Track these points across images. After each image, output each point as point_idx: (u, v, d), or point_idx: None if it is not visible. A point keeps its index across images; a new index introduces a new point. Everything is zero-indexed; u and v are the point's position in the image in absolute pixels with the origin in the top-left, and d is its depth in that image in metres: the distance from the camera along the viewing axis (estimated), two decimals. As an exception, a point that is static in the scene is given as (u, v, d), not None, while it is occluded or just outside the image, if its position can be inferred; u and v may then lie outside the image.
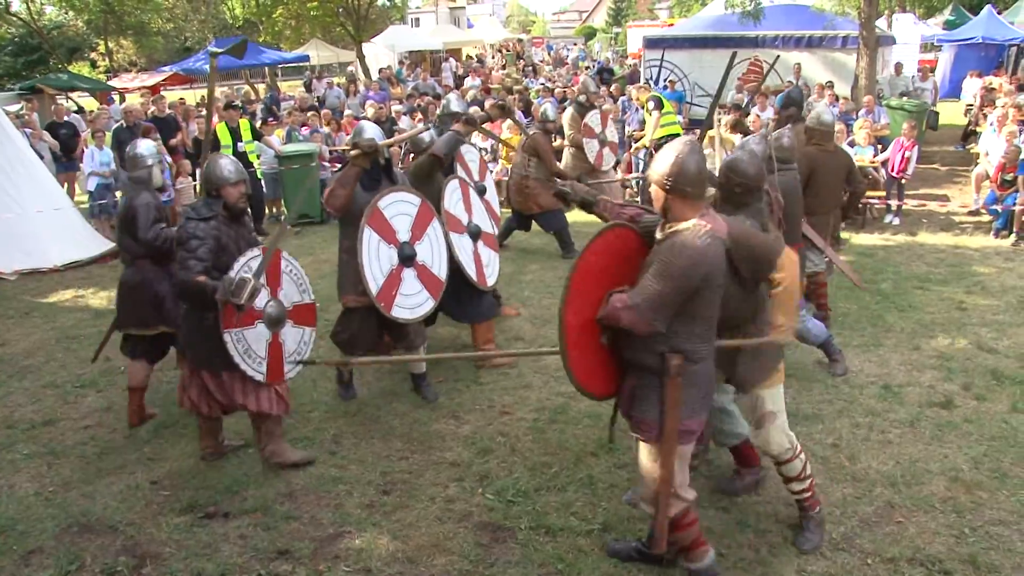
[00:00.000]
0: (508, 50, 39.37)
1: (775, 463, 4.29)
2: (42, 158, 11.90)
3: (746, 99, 14.61)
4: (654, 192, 3.55)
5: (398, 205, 5.63)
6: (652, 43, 18.93)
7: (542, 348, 6.60)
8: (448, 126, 7.39)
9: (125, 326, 5.69)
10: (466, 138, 6.86)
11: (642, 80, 18.17)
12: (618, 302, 3.46)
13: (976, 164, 12.09)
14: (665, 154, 3.52)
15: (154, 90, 22.31)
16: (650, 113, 12.54)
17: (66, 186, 12.61)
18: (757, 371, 4.23)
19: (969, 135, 16.22)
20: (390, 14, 39.81)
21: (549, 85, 20.09)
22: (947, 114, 19.07)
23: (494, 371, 6.49)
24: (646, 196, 6.46)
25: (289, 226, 11.72)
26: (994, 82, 17.68)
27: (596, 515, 4.51)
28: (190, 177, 11.89)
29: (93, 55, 41.82)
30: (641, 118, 13.74)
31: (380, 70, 24.79)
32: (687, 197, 3.46)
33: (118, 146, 11.74)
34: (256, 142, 11.67)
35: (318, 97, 19.42)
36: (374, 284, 5.41)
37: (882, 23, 19.39)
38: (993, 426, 5.37)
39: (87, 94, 25.83)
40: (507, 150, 12.30)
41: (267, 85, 29.03)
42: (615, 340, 3.62)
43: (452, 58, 34.20)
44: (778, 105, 14.31)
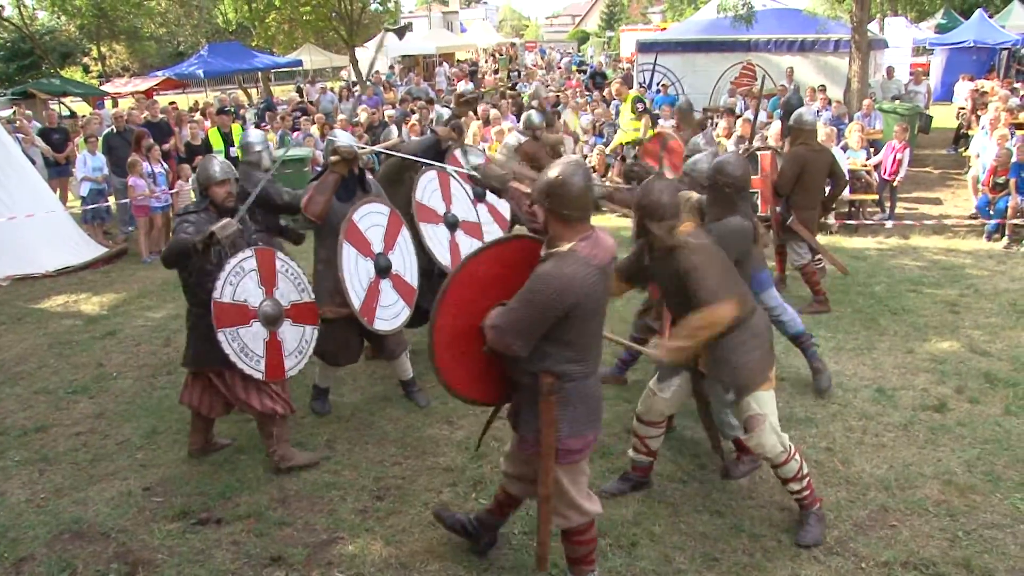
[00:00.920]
0: (501, 54, 39.38)
1: (771, 465, 4.30)
2: (34, 163, 11.85)
3: (739, 103, 14.68)
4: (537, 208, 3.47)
5: (371, 217, 5.59)
6: (645, 47, 18.96)
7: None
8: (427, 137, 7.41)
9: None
10: (450, 143, 6.78)
11: (635, 84, 18.21)
12: (488, 319, 3.45)
13: (969, 168, 12.14)
14: (548, 171, 3.43)
15: (147, 94, 22.29)
16: (634, 112, 12.63)
17: (58, 191, 12.56)
18: (753, 374, 4.22)
19: (961, 138, 16.28)
20: (383, 19, 39.78)
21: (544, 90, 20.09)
22: (939, 117, 19.11)
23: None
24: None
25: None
26: (985, 85, 17.74)
27: (590, 520, 4.50)
28: (188, 182, 11.85)
29: (86, 60, 41.78)
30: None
31: (373, 74, 24.80)
32: (566, 219, 3.38)
33: (109, 151, 11.74)
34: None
35: (310, 101, 19.41)
36: (356, 299, 5.40)
37: (874, 27, 19.43)
38: (986, 429, 5.38)
39: (79, 99, 25.79)
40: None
41: (260, 90, 28.99)
42: (497, 354, 3.55)
43: (445, 62, 34.22)
44: (771, 109, 14.41)
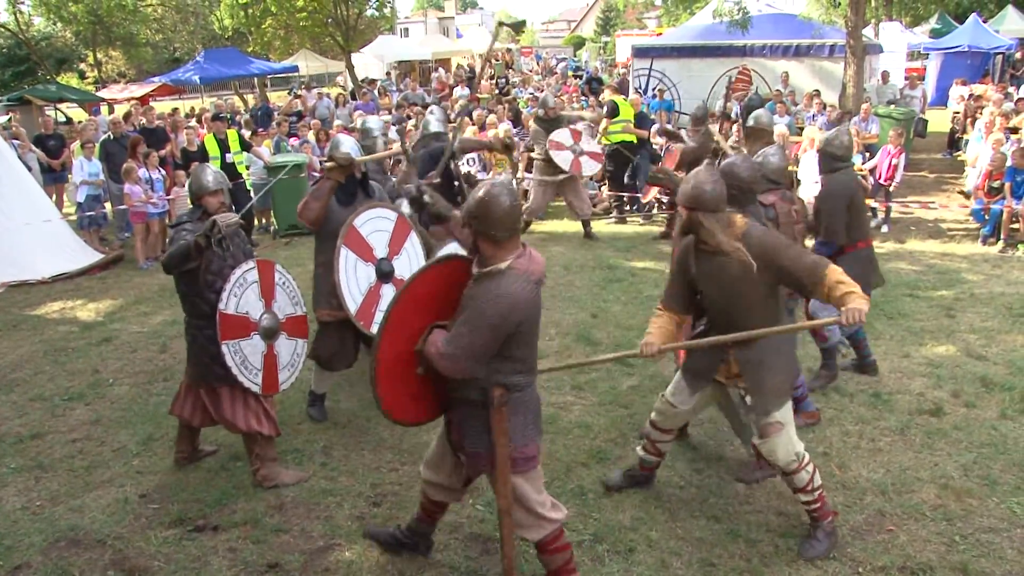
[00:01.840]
0: (497, 59, 39.43)
1: (781, 473, 4.27)
2: (30, 169, 11.83)
3: (735, 108, 14.69)
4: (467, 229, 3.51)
5: (375, 222, 5.57)
6: (641, 52, 18.99)
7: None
8: (430, 146, 7.44)
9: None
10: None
11: (631, 89, 18.23)
12: (433, 347, 3.44)
13: (966, 172, 12.18)
14: (474, 193, 3.46)
15: (143, 101, 22.29)
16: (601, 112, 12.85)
17: (54, 197, 12.56)
18: (784, 382, 4.24)
19: (955, 142, 16.32)
20: (379, 24, 39.85)
21: (538, 95, 20.09)
22: (934, 122, 19.14)
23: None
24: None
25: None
26: (979, 90, 17.79)
27: (587, 526, 4.50)
28: (184, 188, 11.85)
29: (82, 66, 41.78)
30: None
31: (367, 80, 24.78)
32: (495, 240, 3.40)
33: (106, 157, 11.73)
34: (245, 153, 11.66)
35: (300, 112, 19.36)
36: (352, 303, 5.39)
37: (869, 32, 19.49)
38: (982, 433, 5.39)
39: (76, 105, 25.77)
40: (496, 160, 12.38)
41: (255, 96, 29.01)
42: (435, 372, 3.53)
43: (441, 68, 34.26)
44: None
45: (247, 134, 12.81)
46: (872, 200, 11.31)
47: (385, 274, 5.61)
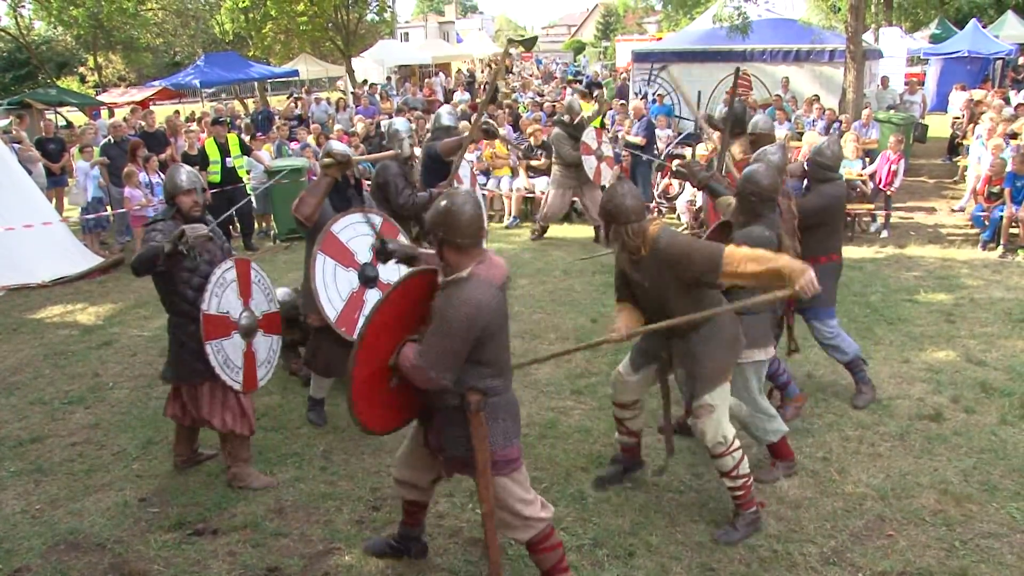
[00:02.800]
0: (497, 64, 39.48)
1: (710, 455, 4.40)
2: (30, 173, 11.84)
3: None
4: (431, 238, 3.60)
5: (356, 227, 5.54)
6: (641, 57, 19.02)
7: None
8: (440, 140, 7.48)
9: None
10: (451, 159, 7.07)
11: (631, 94, 18.25)
12: (406, 360, 3.48)
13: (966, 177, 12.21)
14: (438, 203, 3.55)
15: (143, 105, 22.28)
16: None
17: (54, 201, 12.56)
18: (719, 367, 4.33)
19: (955, 147, 16.33)
20: (379, 29, 39.92)
21: (538, 100, 20.14)
22: (934, 127, 19.19)
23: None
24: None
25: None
26: (978, 95, 17.81)
27: (586, 530, 4.51)
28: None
29: (82, 70, 41.82)
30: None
31: (368, 85, 24.79)
32: (460, 247, 3.49)
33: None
34: (246, 157, 11.67)
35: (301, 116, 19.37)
36: (331, 310, 5.35)
37: (869, 37, 19.51)
38: (982, 438, 5.39)
39: (76, 109, 25.78)
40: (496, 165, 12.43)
41: (255, 100, 29.02)
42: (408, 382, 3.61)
43: (441, 72, 34.31)
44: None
45: (247, 138, 12.83)
46: (868, 205, 11.35)
47: (369, 279, 5.56)
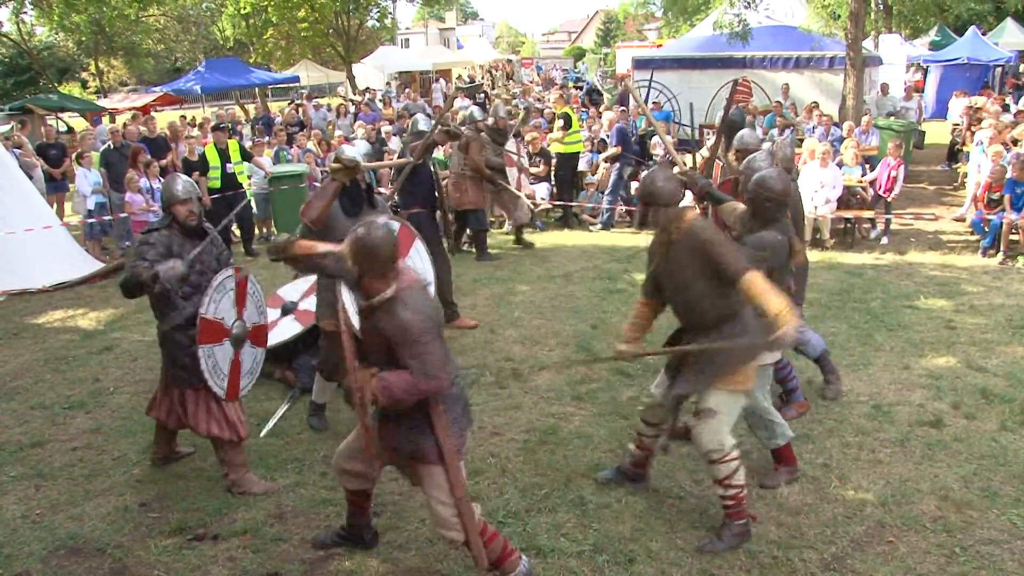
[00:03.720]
0: (498, 70, 39.56)
1: (705, 461, 4.41)
2: (31, 178, 11.85)
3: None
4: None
5: None
6: (641, 64, 19.05)
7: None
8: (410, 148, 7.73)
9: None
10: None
11: (630, 100, 18.26)
12: (410, 385, 3.57)
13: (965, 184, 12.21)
14: (354, 240, 3.65)
15: (144, 110, 22.31)
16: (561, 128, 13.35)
17: (55, 206, 12.57)
18: (725, 374, 4.32)
19: (955, 154, 16.35)
20: (380, 35, 39.99)
21: (539, 105, 20.17)
22: (934, 134, 19.24)
23: (484, 392, 6.48)
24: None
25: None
26: (978, 102, 17.84)
27: (587, 536, 4.50)
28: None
29: (84, 75, 41.89)
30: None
31: (366, 90, 24.83)
32: (383, 275, 3.65)
33: (107, 167, 11.76)
34: (246, 163, 11.69)
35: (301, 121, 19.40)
36: (356, 315, 5.34)
37: (869, 43, 19.54)
38: (983, 445, 5.39)
39: (77, 114, 25.83)
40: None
41: (257, 106, 29.06)
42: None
43: (442, 78, 34.36)
44: (767, 125, 14.50)
45: (249, 144, 12.85)
46: (869, 211, 11.36)
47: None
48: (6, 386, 6.99)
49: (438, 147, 10.82)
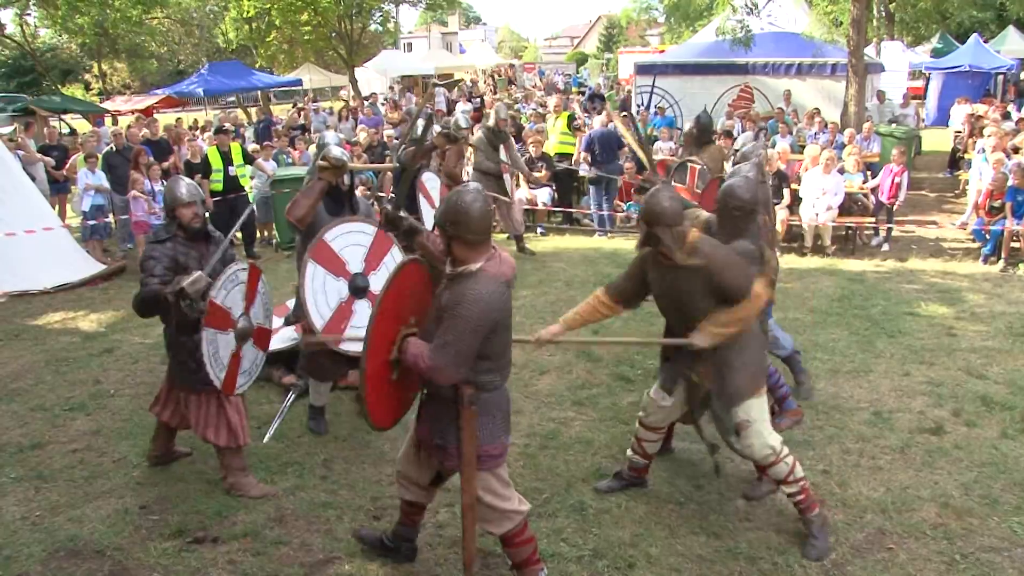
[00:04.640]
0: (500, 75, 39.61)
1: (760, 468, 4.44)
2: (34, 179, 11.86)
3: (737, 125, 14.76)
4: (439, 233, 3.71)
5: (350, 236, 5.49)
6: (643, 69, 19.07)
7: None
8: (405, 153, 7.69)
9: None
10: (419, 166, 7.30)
11: (633, 106, 18.31)
12: (420, 360, 3.55)
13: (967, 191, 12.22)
14: (449, 199, 3.66)
15: (147, 112, 22.37)
16: (569, 128, 13.82)
17: (57, 208, 12.58)
18: (748, 382, 4.35)
19: (957, 161, 16.36)
20: (383, 39, 40.06)
21: (541, 111, 20.19)
22: (936, 141, 19.24)
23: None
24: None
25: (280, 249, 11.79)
26: (979, 109, 17.86)
27: (587, 541, 4.50)
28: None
29: (87, 77, 41.97)
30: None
31: (371, 95, 24.88)
32: (470, 243, 3.59)
33: (109, 169, 11.77)
34: (248, 166, 11.70)
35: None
36: (319, 319, 5.30)
37: (871, 51, 19.58)
38: (983, 452, 5.38)
39: (80, 116, 25.87)
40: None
41: (259, 109, 29.10)
42: (406, 372, 3.75)
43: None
44: (769, 131, 14.52)
45: (251, 147, 12.86)
46: (870, 218, 11.36)
47: (359, 289, 5.50)
48: (6, 387, 6.99)
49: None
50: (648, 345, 4.32)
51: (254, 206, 11.71)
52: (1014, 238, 10.10)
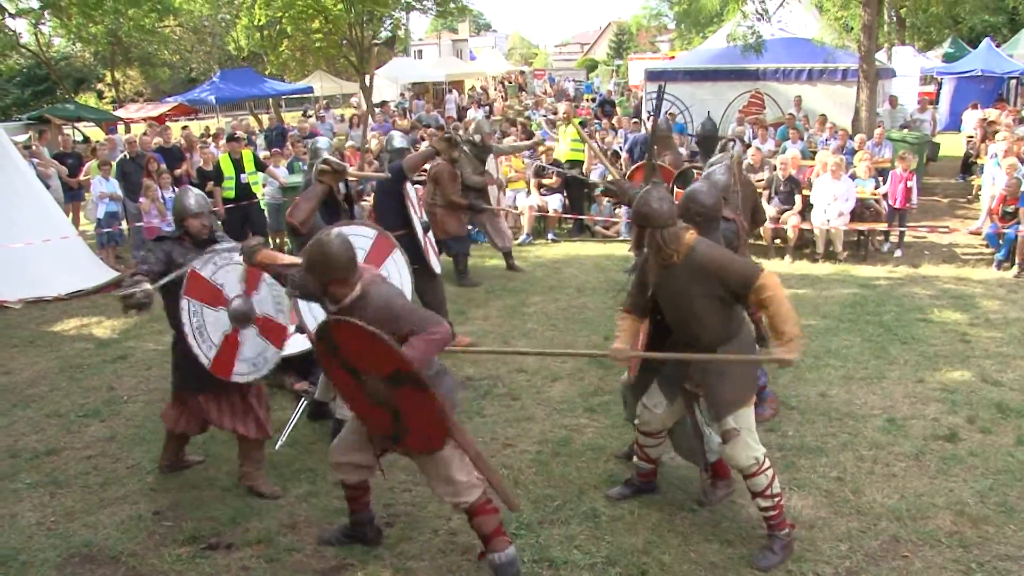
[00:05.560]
0: (511, 82, 39.69)
1: (742, 476, 4.39)
2: (48, 187, 11.94)
3: (748, 131, 14.75)
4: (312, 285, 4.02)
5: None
6: (654, 75, 19.06)
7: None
8: (396, 160, 7.65)
9: None
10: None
11: (644, 113, 18.29)
12: (424, 342, 3.81)
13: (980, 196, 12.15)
14: (309, 253, 3.89)
15: (159, 120, 22.47)
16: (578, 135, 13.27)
17: (71, 216, 12.66)
18: (740, 391, 4.34)
19: (969, 167, 16.30)
20: (393, 46, 40.14)
21: (551, 117, 20.22)
22: (948, 146, 19.17)
23: (497, 403, 6.49)
24: None
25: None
26: (992, 114, 17.79)
27: (599, 548, 4.50)
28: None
29: (100, 86, 42.22)
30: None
31: (383, 103, 24.94)
32: (343, 280, 3.88)
33: (123, 176, 11.85)
34: (260, 173, 11.75)
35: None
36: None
37: (882, 56, 19.51)
38: (999, 459, 5.35)
39: (93, 124, 26.03)
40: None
41: (270, 116, 29.20)
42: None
43: (455, 90, 34.47)
44: (779, 137, 14.48)
45: (263, 154, 12.92)
46: (882, 224, 11.31)
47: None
48: (22, 394, 7.04)
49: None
50: (711, 360, 4.22)
51: (264, 209, 11.75)
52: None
